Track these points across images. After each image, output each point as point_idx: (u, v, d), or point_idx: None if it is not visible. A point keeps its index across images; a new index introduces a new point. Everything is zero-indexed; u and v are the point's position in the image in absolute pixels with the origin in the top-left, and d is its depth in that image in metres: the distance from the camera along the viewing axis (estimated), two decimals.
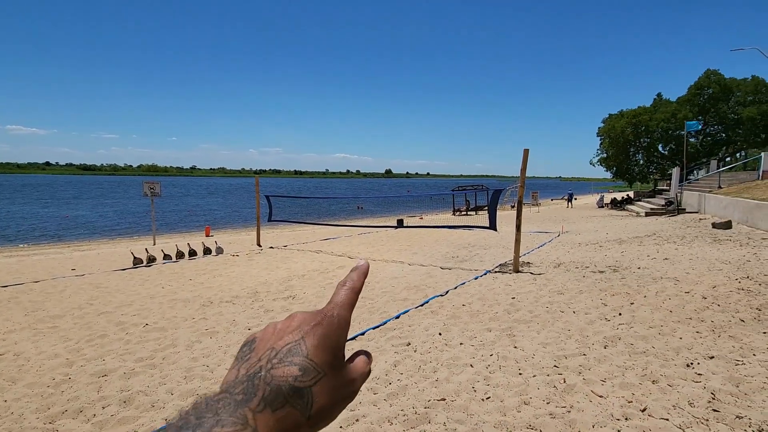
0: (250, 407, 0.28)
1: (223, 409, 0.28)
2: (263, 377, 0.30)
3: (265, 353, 0.32)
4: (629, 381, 3.28)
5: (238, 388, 0.30)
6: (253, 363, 0.32)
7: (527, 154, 7.75)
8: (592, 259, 8.46)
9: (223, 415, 0.27)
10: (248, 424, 0.27)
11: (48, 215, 28.40)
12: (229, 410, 0.28)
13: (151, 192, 13.11)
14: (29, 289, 6.98)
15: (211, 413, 0.27)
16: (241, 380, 0.31)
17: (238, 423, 0.27)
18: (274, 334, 0.34)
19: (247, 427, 0.27)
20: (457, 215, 25.44)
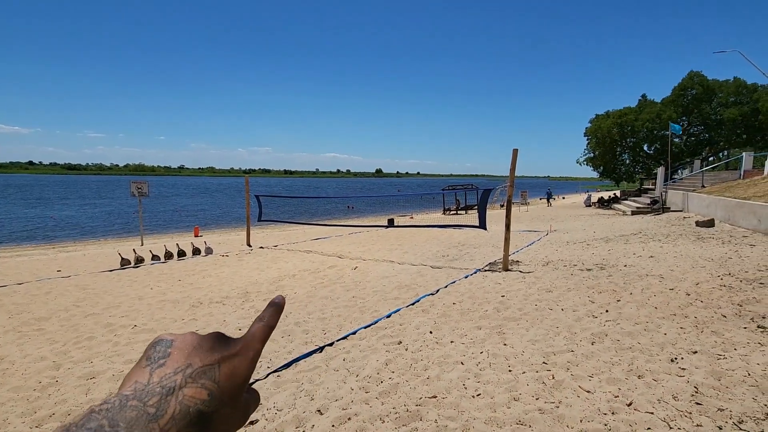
0: (159, 425, 0.29)
1: (135, 421, 0.28)
2: (176, 394, 0.31)
3: (182, 366, 0.33)
4: (616, 376, 3.35)
5: (151, 400, 0.30)
6: (169, 374, 0.32)
7: (516, 154, 7.84)
8: (579, 257, 8.59)
9: (136, 428, 0.28)
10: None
11: (32, 216, 27.82)
12: (141, 424, 0.28)
13: (138, 192, 12.94)
14: (13, 291, 6.85)
15: (124, 423, 0.28)
16: (153, 390, 0.31)
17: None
18: (193, 346, 0.35)
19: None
20: (448, 214, 25.57)
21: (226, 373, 0.34)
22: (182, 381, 0.32)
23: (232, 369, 0.34)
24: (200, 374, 0.33)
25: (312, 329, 4.85)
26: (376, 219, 21.96)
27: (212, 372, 0.33)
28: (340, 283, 7.14)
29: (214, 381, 0.33)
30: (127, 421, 0.28)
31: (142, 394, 0.30)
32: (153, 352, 0.34)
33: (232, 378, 0.34)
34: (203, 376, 0.33)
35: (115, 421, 0.28)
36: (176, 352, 0.34)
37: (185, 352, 0.34)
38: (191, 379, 0.32)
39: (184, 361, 0.33)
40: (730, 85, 28.88)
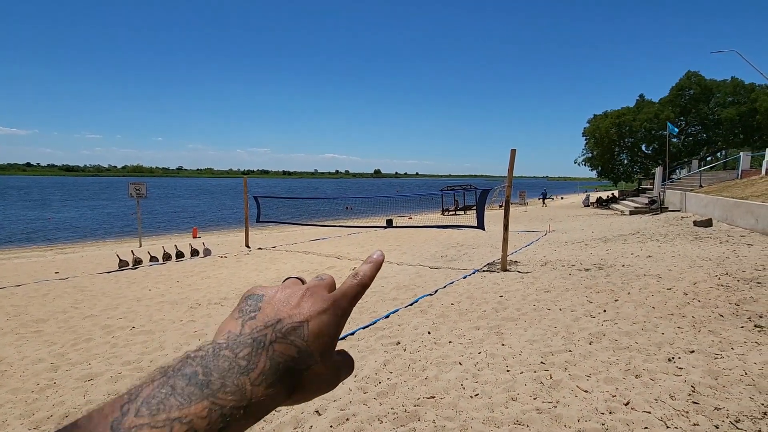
0: (250, 378, 0.29)
1: (227, 372, 0.29)
2: (267, 348, 0.31)
3: (271, 321, 0.33)
4: (613, 376, 3.36)
5: (242, 351, 0.30)
6: (259, 326, 0.32)
7: (514, 154, 7.85)
8: (578, 257, 8.60)
9: (228, 380, 0.28)
10: (245, 395, 0.28)
11: (31, 218, 27.76)
12: (232, 377, 0.28)
13: (136, 193, 12.93)
14: (11, 293, 6.83)
15: (217, 373, 0.28)
16: (245, 341, 0.31)
17: (238, 392, 0.28)
18: (282, 300, 0.35)
19: (244, 398, 0.28)
20: (446, 215, 25.60)
21: (314, 331, 0.33)
22: (272, 336, 0.32)
23: (320, 327, 0.33)
24: (289, 331, 0.32)
25: None
26: (375, 220, 21.97)
27: (301, 330, 0.33)
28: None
29: (302, 338, 0.32)
30: (220, 371, 0.28)
31: (235, 344, 0.30)
32: (245, 305, 0.34)
33: (319, 336, 0.33)
34: (292, 333, 0.32)
35: (209, 369, 0.28)
36: (267, 307, 0.34)
37: (275, 308, 0.34)
38: (281, 334, 0.32)
39: (274, 316, 0.33)
40: (728, 85, 28.98)
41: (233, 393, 0.28)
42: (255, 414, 0.29)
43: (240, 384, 0.28)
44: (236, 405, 0.28)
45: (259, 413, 0.29)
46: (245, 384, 0.29)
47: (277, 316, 0.33)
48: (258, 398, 0.29)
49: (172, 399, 0.26)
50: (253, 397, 0.29)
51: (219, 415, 0.27)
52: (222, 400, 0.27)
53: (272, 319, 0.33)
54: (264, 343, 0.31)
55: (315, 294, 0.36)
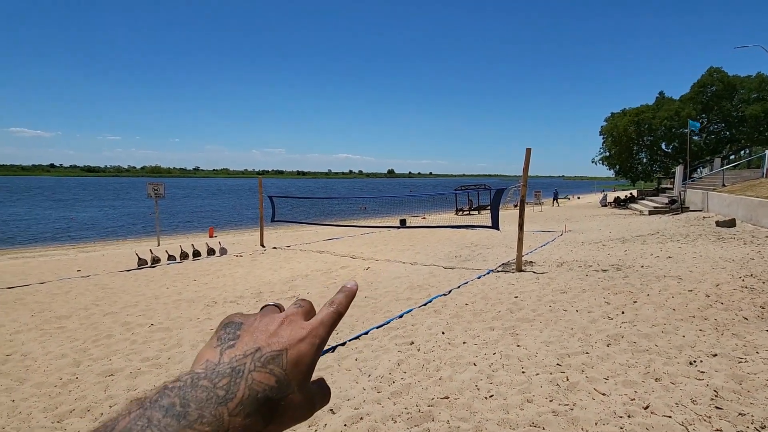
0: (228, 408, 0.29)
1: (205, 403, 0.29)
2: (245, 378, 0.31)
3: (250, 350, 0.33)
4: (632, 379, 3.29)
5: (221, 381, 0.30)
6: (238, 355, 0.32)
7: (530, 154, 7.76)
8: (595, 257, 8.46)
9: (206, 411, 0.28)
10: (222, 426, 0.28)
11: (54, 217, 28.57)
12: (210, 407, 0.29)
13: (155, 193, 13.18)
14: (35, 290, 7.04)
15: (195, 404, 0.28)
16: (223, 370, 0.31)
17: (215, 423, 0.28)
18: (261, 329, 0.35)
19: (221, 429, 0.28)
20: (460, 215, 25.45)
21: (293, 360, 0.33)
22: (251, 365, 0.32)
23: (298, 355, 0.34)
24: (268, 360, 0.32)
25: None
26: (389, 219, 21.97)
27: (280, 358, 0.33)
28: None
29: (281, 367, 0.33)
30: (198, 402, 0.28)
31: (213, 373, 0.31)
32: (223, 334, 0.34)
33: (298, 365, 0.33)
34: (271, 362, 0.32)
35: (186, 400, 0.28)
36: (245, 335, 0.34)
37: (254, 336, 0.34)
38: (260, 363, 0.32)
39: (253, 345, 0.33)
40: (753, 80, 28.11)
41: (210, 424, 0.28)
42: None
43: (218, 414, 0.28)
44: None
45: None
46: (223, 414, 0.29)
47: (256, 345, 0.33)
48: (235, 428, 0.29)
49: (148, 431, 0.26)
50: (231, 427, 0.29)
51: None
52: (199, 429, 0.27)
53: (251, 348, 0.33)
54: (243, 372, 0.31)
55: (293, 322, 0.36)
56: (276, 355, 0.33)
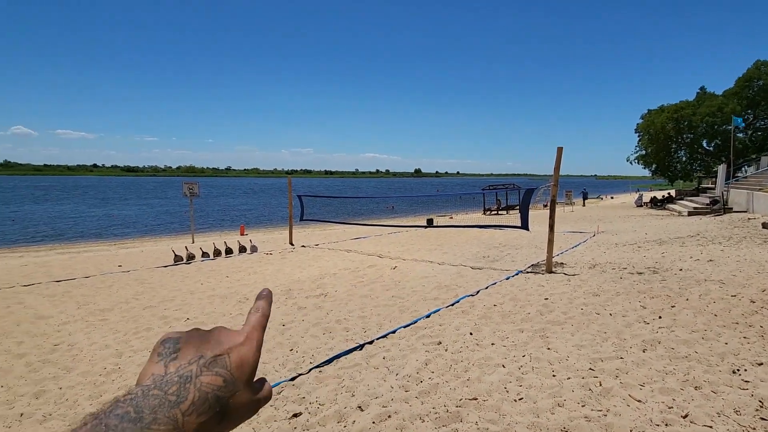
0: (180, 410, 0.31)
1: (158, 407, 0.30)
2: (194, 382, 0.33)
3: (194, 358, 0.35)
4: (670, 386, 3.17)
5: (171, 388, 0.32)
6: (184, 364, 0.34)
7: (561, 152, 7.57)
8: (630, 260, 8.17)
9: (159, 414, 0.30)
10: (178, 425, 0.30)
11: (98, 215, 30.07)
12: (164, 410, 0.30)
13: (190, 192, 13.65)
14: (81, 284, 7.45)
15: (148, 409, 0.30)
16: (171, 379, 0.33)
17: (170, 423, 0.30)
18: (201, 341, 0.37)
19: (177, 428, 0.30)
20: (488, 215, 25.09)
21: (236, 361, 0.36)
22: (197, 370, 0.34)
23: (241, 357, 0.36)
24: (213, 363, 0.35)
25: (352, 327, 4.94)
26: (415, 219, 21.93)
27: (223, 361, 0.35)
28: (379, 282, 7.21)
29: (226, 369, 0.35)
30: (151, 408, 0.30)
31: (162, 383, 0.33)
32: (162, 349, 0.36)
33: (242, 366, 0.36)
34: (216, 364, 0.35)
35: (140, 408, 0.30)
36: (185, 347, 0.36)
37: (194, 346, 0.36)
38: (205, 368, 0.34)
39: (195, 353, 0.35)
40: None
41: (166, 424, 0.30)
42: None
43: (171, 416, 0.30)
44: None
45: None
46: (176, 415, 0.31)
47: (198, 353, 0.35)
48: (191, 427, 0.31)
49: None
50: (186, 426, 0.31)
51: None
52: (156, 430, 0.29)
53: (195, 356, 0.35)
54: (191, 377, 0.33)
55: (228, 330, 0.39)
56: (219, 358, 0.35)
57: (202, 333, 0.38)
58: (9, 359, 4.24)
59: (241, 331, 0.39)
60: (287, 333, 4.81)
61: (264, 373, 3.77)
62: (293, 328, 4.95)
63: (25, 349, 4.47)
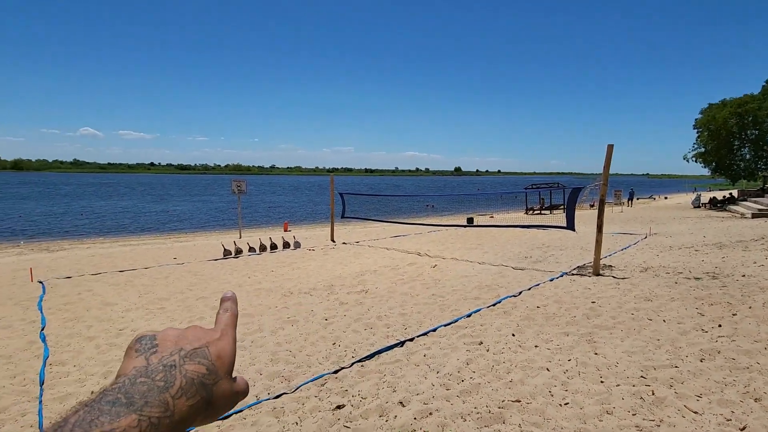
0: (170, 393, 0.33)
1: (148, 392, 0.32)
2: (179, 369, 0.35)
3: (175, 350, 0.36)
4: (728, 398, 2.99)
5: (158, 375, 0.33)
6: (165, 356, 0.35)
7: (611, 150, 7.25)
8: (686, 264, 7.70)
9: (150, 398, 0.32)
10: (168, 407, 0.32)
11: (154, 210, 32.06)
12: (154, 395, 0.32)
13: (238, 189, 14.26)
14: (141, 275, 8.01)
15: (138, 395, 0.32)
16: (156, 368, 0.34)
17: (162, 406, 0.32)
18: (177, 337, 0.38)
19: (168, 410, 0.32)
20: (530, 214, 24.39)
21: (215, 353, 0.38)
22: (180, 360, 0.36)
23: (219, 350, 0.38)
24: (194, 354, 0.37)
25: (393, 324, 5.00)
26: (455, 218, 21.70)
27: (204, 352, 0.37)
28: (419, 280, 7.23)
29: (207, 359, 0.37)
30: (141, 393, 0.32)
31: (147, 372, 0.34)
32: (139, 346, 0.37)
33: (220, 357, 0.38)
34: (197, 355, 0.37)
35: (130, 394, 0.31)
36: (163, 343, 0.37)
37: (172, 341, 0.37)
38: (188, 357, 0.36)
39: (175, 346, 0.37)
40: None
41: (157, 406, 0.32)
42: (180, 424, 0.33)
43: (162, 399, 0.32)
44: (162, 415, 0.31)
45: (183, 424, 0.33)
46: (167, 398, 0.32)
47: (178, 346, 0.37)
48: (181, 410, 0.33)
49: (101, 418, 0.29)
50: (176, 408, 0.33)
51: (148, 424, 0.30)
52: (148, 413, 0.31)
53: (175, 349, 0.37)
54: (175, 365, 0.35)
55: (203, 328, 0.41)
56: (199, 350, 0.37)
57: (178, 330, 0.40)
58: (81, 341, 4.65)
59: (215, 329, 0.41)
60: (330, 327, 4.95)
61: (308, 366, 3.92)
62: (335, 323, 5.09)
63: (94, 333, 4.89)
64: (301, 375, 3.76)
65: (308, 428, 2.94)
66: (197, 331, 0.40)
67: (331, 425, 2.97)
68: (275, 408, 3.20)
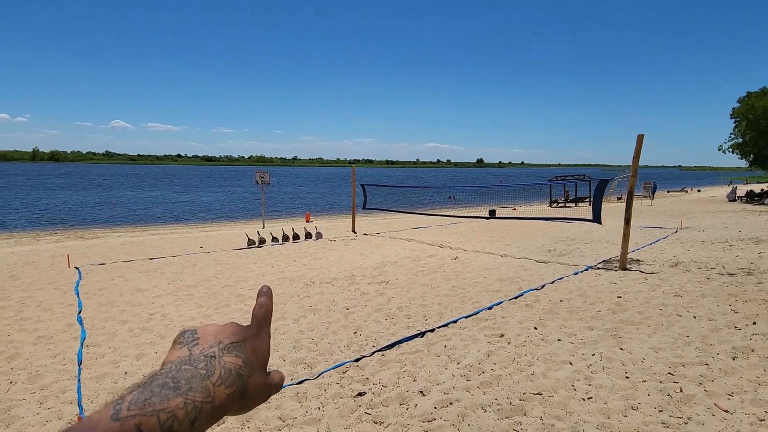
0: (211, 381, 0.36)
1: (192, 379, 0.35)
2: (219, 360, 0.38)
3: (214, 342, 0.39)
4: (762, 397, 2.89)
5: (200, 364, 0.37)
6: (206, 347, 0.39)
7: (641, 141, 7.01)
8: (719, 259, 7.41)
9: (194, 384, 0.35)
10: (210, 394, 0.35)
11: (181, 200, 32.98)
12: (197, 381, 0.35)
13: (261, 180, 14.48)
14: (170, 262, 8.27)
15: (184, 380, 0.35)
16: (198, 357, 0.37)
17: (204, 392, 0.35)
18: (216, 332, 0.41)
19: (209, 396, 0.35)
20: (555, 207, 23.89)
21: (251, 348, 0.41)
22: (219, 352, 0.39)
23: (255, 346, 0.41)
24: (231, 347, 0.40)
25: (413, 315, 5.02)
26: (477, 210, 21.47)
27: (240, 346, 0.40)
28: (440, 272, 7.21)
29: (244, 353, 0.40)
30: (186, 378, 0.35)
31: (191, 360, 0.37)
32: (183, 339, 0.40)
33: (256, 352, 0.41)
34: (234, 348, 0.40)
35: (177, 378, 0.35)
36: (203, 336, 0.40)
37: (212, 335, 0.41)
38: (226, 350, 0.39)
39: (215, 340, 0.40)
40: None
41: (200, 392, 0.35)
42: (219, 411, 0.36)
43: (204, 386, 0.35)
44: (204, 400, 0.35)
45: (221, 411, 0.36)
46: (208, 386, 0.36)
47: (217, 339, 0.40)
48: (220, 397, 0.36)
49: (153, 398, 0.33)
50: (216, 395, 0.36)
51: (192, 407, 0.34)
52: (192, 397, 0.34)
53: (215, 342, 0.40)
54: (215, 356, 0.38)
55: (239, 324, 0.43)
56: (236, 344, 0.40)
57: (217, 326, 0.43)
58: (115, 325, 4.86)
59: (251, 325, 0.43)
60: (351, 317, 5.01)
61: (330, 353, 3.99)
62: (356, 313, 5.14)
63: (127, 317, 5.10)
64: (323, 362, 3.83)
65: (330, 413, 3.00)
66: (234, 327, 0.43)
67: (353, 411, 3.02)
68: (298, 393, 3.28)
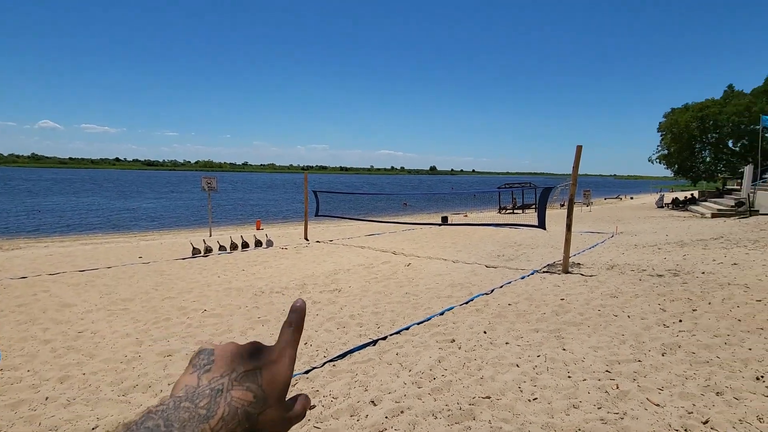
0: (210, 425, 0.32)
1: (188, 421, 0.31)
2: (225, 396, 0.34)
3: (227, 371, 0.36)
4: (690, 391, 3.10)
5: (202, 402, 0.33)
6: (216, 377, 0.35)
7: (580, 151, 7.45)
8: (649, 261, 8.00)
9: (189, 428, 0.31)
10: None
11: (119, 207, 30.82)
12: (193, 424, 0.31)
13: (208, 187, 13.87)
14: (103, 274, 7.65)
15: (178, 423, 0.31)
16: (203, 391, 0.34)
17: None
18: (233, 354, 0.37)
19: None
20: (503, 213, 24.86)
21: (268, 378, 0.36)
22: (229, 384, 0.35)
23: (273, 374, 0.37)
24: (244, 378, 0.36)
25: (366, 323, 4.96)
26: (430, 216, 21.86)
27: (255, 376, 0.36)
28: (393, 278, 7.21)
29: (257, 384, 0.36)
30: (181, 421, 0.31)
31: (193, 395, 0.34)
32: (197, 360, 0.37)
33: (273, 382, 0.37)
34: (247, 379, 0.36)
35: (170, 421, 0.31)
36: (219, 360, 0.37)
37: (227, 359, 0.37)
38: (237, 382, 0.35)
39: (228, 367, 0.36)
40: None
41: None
42: None
43: (200, 430, 0.31)
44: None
45: None
46: (206, 430, 0.32)
47: (231, 366, 0.36)
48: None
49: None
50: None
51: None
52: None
53: (228, 369, 0.36)
54: (222, 391, 0.34)
55: (262, 346, 0.39)
56: (251, 373, 0.36)
57: (237, 347, 0.39)
58: (35, 345, 4.39)
59: (275, 347, 0.39)
60: None
61: None
62: (307, 323, 5.00)
63: (50, 336, 4.62)
64: None
65: None
66: (254, 348, 0.39)
67: (301, 426, 2.90)
68: None
